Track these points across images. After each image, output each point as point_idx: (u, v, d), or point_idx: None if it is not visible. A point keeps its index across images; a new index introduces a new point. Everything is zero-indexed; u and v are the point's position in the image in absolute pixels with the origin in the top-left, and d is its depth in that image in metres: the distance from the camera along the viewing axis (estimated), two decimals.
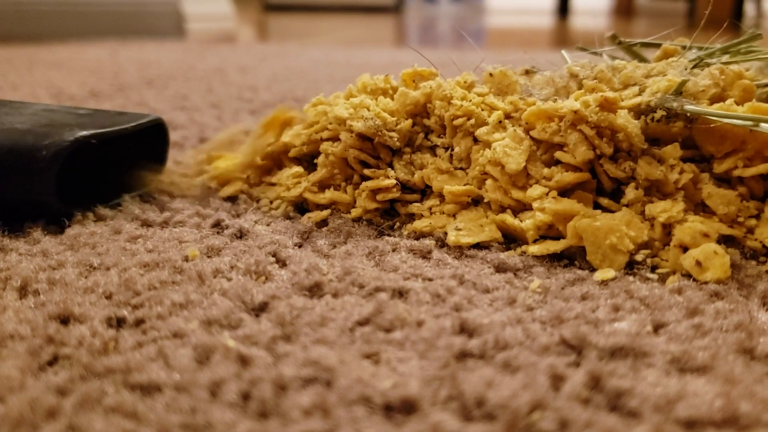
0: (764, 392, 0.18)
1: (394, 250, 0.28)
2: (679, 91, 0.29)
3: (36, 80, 0.78)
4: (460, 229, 0.29)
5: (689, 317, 0.23)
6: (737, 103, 0.29)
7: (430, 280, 0.25)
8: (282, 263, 0.27)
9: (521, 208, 0.30)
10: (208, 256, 0.27)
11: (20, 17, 1.48)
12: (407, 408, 0.18)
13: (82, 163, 0.33)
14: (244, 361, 0.20)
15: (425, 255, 0.28)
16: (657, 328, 0.22)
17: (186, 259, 0.27)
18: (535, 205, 0.28)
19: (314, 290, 0.24)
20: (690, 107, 0.29)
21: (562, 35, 1.76)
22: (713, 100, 0.30)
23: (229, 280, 0.25)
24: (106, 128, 0.32)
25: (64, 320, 0.23)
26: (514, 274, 0.26)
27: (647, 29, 1.91)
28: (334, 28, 1.95)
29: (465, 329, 0.22)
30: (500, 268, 0.27)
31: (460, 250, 0.28)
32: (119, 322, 0.23)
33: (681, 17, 2.43)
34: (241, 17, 2.44)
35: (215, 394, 0.18)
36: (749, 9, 2.45)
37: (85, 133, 0.31)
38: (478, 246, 0.29)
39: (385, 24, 2.23)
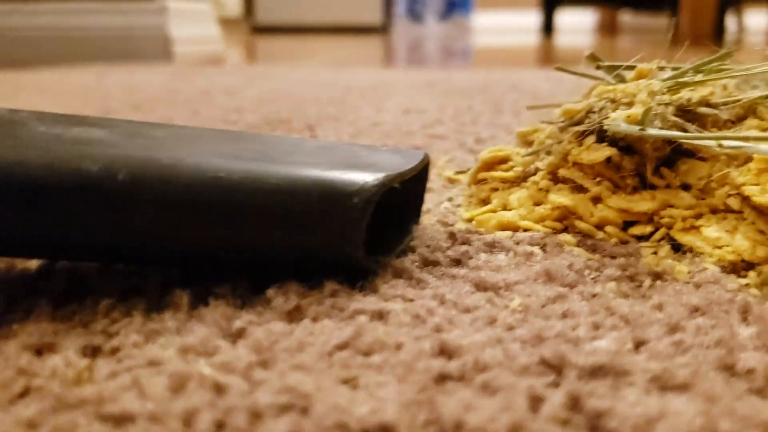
0: (744, 409, 0.18)
1: (376, 271, 0.28)
2: (644, 119, 0.30)
3: (19, 105, 0.77)
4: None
5: (670, 334, 0.23)
6: None
7: (411, 300, 0.25)
8: (261, 287, 0.26)
9: None
10: (188, 283, 0.27)
11: (6, 43, 1.48)
12: None
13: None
14: (219, 389, 0.19)
15: (407, 275, 0.28)
16: (638, 345, 0.22)
17: (166, 283, 0.27)
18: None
19: (293, 315, 0.24)
20: (652, 131, 0.29)
21: (547, 53, 1.78)
22: None
23: (207, 305, 0.25)
24: (399, 169, 0.28)
25: (38, 351, 0.22)
26: (495, 292, 0.26)
27: (631, 46, 1.93)
28: (322, 49, 1.96)
29: (444, 351, 0.21)
30: (481, 287, 0.26)
31: (441, 270, 0.28)
32: (94, 351, 0.22)
33: (664, 33, 2.45)
34: (230, 40, 2.46)
35: (189, 424, 0.18)
36: (731, 24, 2.49)
37: (389, 174, 0.26)
38: (459, 262, 0.29)
39: (372, 44, 2.25)
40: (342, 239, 0.25)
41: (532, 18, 3.12)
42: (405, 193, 0.31)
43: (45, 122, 0.28)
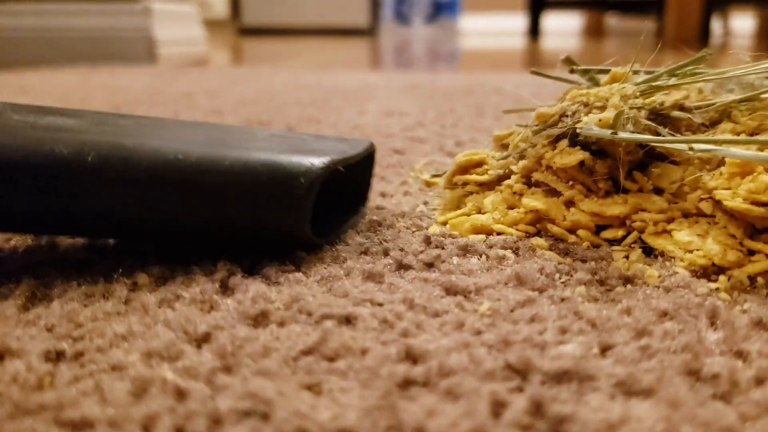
0: (705, 414, 0.18)
1: (347, 275, 0.28)
2: (616, 123, 0.30)
3: None
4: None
5: (637, 338, 0.23)
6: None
7: (381, 305, 0.25)
8: (229, 291, 0.26)
9: None
10: (156, 285, 0.27)
11: None
12: None
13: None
14: (180, 394, 0.19)
15: (378, 279, 0.28)
16: (604, 350, 0.22)
17: (134, 287, 0.26)
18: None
19: (260, 319, 0.24)
20: (623, 135, 0.29)
21: (533, 56, 1.78)
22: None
23: (174, 310, 0.24)
24: (344, 154, 0.30)
25: (0, 356, 0.22)
26: (465, 296, 0.26)
27: (617, 49, 1.94)
28: (309, 51, 1.96)
29: (410, 356, 0.21)
30: (451, 291, 0.26)
31: (413, 273, 0.28)
32: (58, 356, 0.22)
33: (650, 36, 2.47)
34: (216, 41, 2.45)
35: (148, 429, 0.18)
36: (716, 27, 2.50)
37: (334, 158, 0.29)
38: (431, 266, 0.29)
39: (359, 46, 2.24)
40: (290, 216, 0.28)
41: (519, 21, 3.14)
42: (354, 181, 0.34)
43: (19, 112, 0.30)
